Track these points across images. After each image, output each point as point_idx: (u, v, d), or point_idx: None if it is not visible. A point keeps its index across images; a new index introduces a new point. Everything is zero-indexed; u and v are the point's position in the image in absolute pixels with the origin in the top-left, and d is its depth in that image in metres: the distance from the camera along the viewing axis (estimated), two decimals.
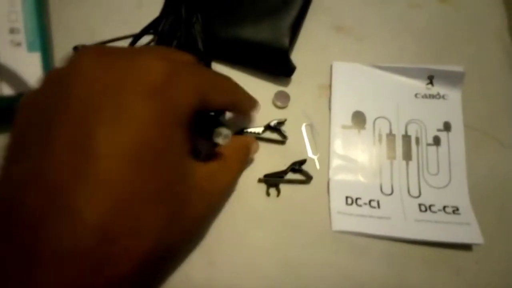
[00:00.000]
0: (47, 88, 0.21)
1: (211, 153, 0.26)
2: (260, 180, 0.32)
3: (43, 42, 0.30)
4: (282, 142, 0.34)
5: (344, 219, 0.31)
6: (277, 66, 0.35)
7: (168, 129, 0.20)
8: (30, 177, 0.18)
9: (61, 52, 0.33)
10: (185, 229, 0.22)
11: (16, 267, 0.17)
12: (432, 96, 0.35)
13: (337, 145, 0.34)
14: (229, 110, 0.30)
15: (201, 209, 0.23)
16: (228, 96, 0.26)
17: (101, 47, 0.22)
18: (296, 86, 0.36)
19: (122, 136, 0.19)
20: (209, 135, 0.25)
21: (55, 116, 0.19)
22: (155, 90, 0.20)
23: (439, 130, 0.34)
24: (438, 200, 0.32)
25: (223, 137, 0.25)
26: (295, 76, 0.35)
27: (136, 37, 0.32)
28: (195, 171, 0.23)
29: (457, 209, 0.32)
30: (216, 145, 0.26)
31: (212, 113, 0.29)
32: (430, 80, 0.35)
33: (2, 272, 0.17)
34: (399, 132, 0.34)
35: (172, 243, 0.21)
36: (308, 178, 0.32)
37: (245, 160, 0.29)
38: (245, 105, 0.29)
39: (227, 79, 0.27)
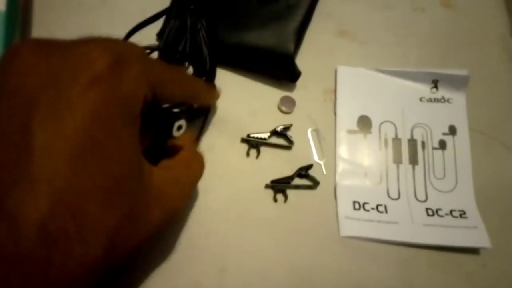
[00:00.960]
0: None
1: (167, 151, 0.25)
2: (267, 186, 0.32)
3: None
4: (288, 148, 0.34)
5: (352, 224, 0.31)
6: (282, 71, 0.35)
7: (112, 122, 0.19)
8: None
9: None
10: (143, 234, 0.21)
11: None
12: (437, 100, 0.35)
13: (343, 150, 0.34)
14: (187, 102, 0.28)
15: (162, 213, 0.22)
16: (182, 88, 0.25)
17: (40, 39, 0.21)
18: (301, 91, 0.36)
19: (59, 129, 0.17)
20: (167, 130, 0.24)
21: None
22: (95, 80, 0.18)
23: (444, 134, 0.34)
24: (445, 204, 0.32)
25: (176, 128, 0.24)
26: (300, 81, 0.35)
27: (139, 26, 0.32)
28: (154, 174, 0.22)
29: (464, 213, 0.32)
30: (166, 144, 0.24)
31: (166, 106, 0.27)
32: (435, 84, 0.35)
33: None
34: (404, 136, 0.34)
35: (128, 248, 0.20)
36: (315, 184, 0.32)
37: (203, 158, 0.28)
38: (203, 97, 0.28)
39: (180, 71, 0.26)
